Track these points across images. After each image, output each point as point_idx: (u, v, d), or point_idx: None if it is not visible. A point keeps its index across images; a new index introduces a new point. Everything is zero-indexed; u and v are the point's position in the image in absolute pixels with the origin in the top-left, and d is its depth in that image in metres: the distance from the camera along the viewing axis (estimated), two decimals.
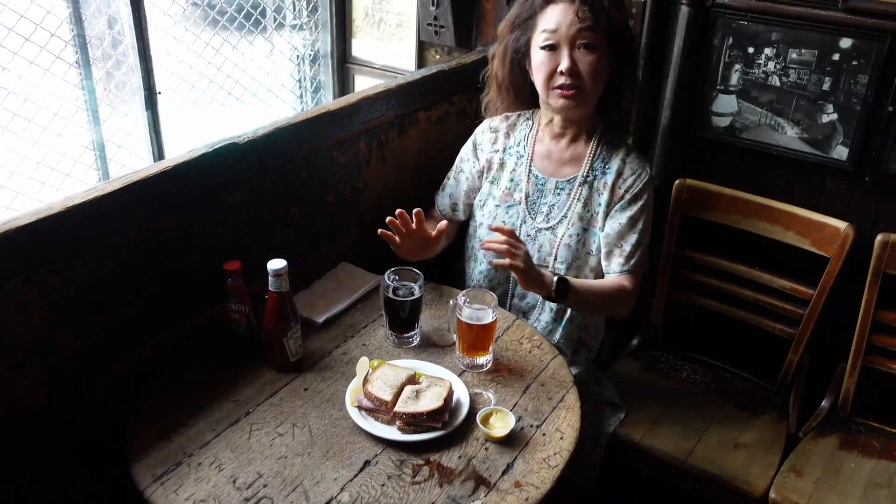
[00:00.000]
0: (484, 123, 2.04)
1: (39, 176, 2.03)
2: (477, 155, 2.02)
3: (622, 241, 1.87)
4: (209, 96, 2.47)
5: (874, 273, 1.96)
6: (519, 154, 1.96)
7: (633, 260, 1.86)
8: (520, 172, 1.95)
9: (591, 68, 1.76)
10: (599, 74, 1.79)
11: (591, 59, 1.76)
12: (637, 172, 1.87)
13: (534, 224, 1.92)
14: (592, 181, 1.89)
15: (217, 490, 1.30)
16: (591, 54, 1.76)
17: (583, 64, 1.76)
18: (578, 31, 1.74)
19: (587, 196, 1.89)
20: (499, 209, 1.96)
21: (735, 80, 2.12)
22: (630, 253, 1.86)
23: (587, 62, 1.76)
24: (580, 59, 1.76)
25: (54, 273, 1.41)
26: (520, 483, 1.35)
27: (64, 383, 1.49)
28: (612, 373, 2.24)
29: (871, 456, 1.97)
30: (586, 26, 1.74)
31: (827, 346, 2.14)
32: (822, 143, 2.05)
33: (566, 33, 1.75)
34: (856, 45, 1.93)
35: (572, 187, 1.90)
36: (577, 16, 1.74)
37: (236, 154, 1.69)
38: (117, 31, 2.09)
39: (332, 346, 1.69)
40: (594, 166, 1.90)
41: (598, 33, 1.76)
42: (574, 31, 1.74)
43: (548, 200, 1.92)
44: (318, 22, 2.75)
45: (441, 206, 2.10)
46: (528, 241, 1.90)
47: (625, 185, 1.87)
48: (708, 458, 1.95)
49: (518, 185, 1.95)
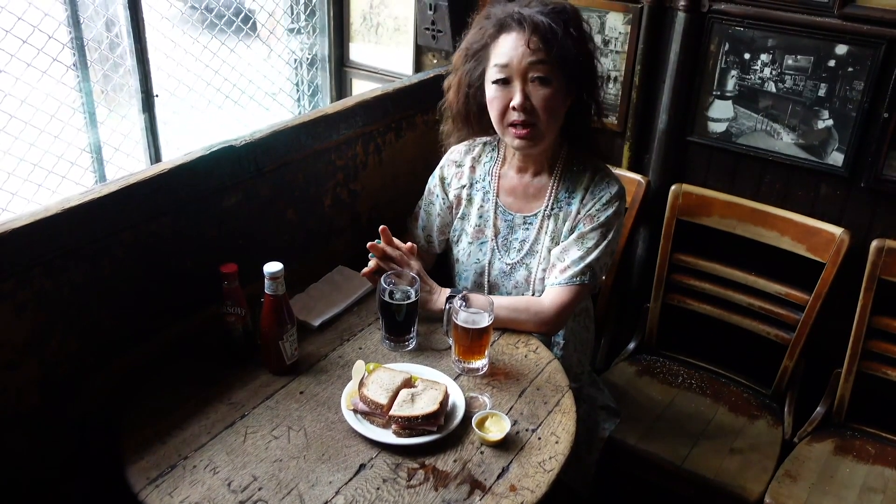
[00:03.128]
0: (448, 156, 1.96)
1: (36, 178, 2.03)
2: (445, 191, 1.94)
3: (564, 255, 1.77)
4: (206, 99, 2.47)
5: (869, 279, 1.97)
6: (485, 189, 1.88)
7: (568, 273, 1.75)
8: (487, 209, 1.87)
9: (545, 103, 1.66)
10: (555, 109, 1.69)
11: (544, 94, 1.66)
12: (599, 197, 1.76)
13: (507, 260, 1.86)
14: (558, 212, 1.81)
15: (212, 493, 1.29)
16: (545, 88, 1.65)
17: (536, 98, 1.66)
18: (530, 64, 1.64)
19: (553, 228, 1.81)
20: (472, 246, 1.90)
21: (731, 86, 2.12)
22: (567, 266, 1.76)
23: (540, 97, 1.66)
24: (533, 93, 1.66)
25: (49, 275, 1.41)
26: (515, 487, 1.35)
27: (57, 385, 1.49)
28: (608, 377, 2.25)
29: (866, 461, 1.98)
30: (538, 59, 1.64)
31: (822, 352, 2.15)
32: (818, 149, 2.06)
33: (517, 66, 1.65)
34: (851, 52, 1.94)
35: (538, 221, 1.83)
36: (528, 47, 1.64)
37: (233, 157, 1.69)
38: (115, 33, 2.09)
39: (328, 350, 1.69)
40: (558, 197, 1.81)
41: (552, 67, 1.65)
42: (525, 64, 1.64)
43: (518, 235, 1.85)
44: (315, 26, 2.76)
45: (416, 238, 2.01)
46: (503, 277, 1.87)
47: (584, 211, 1.77)
48: (703, 462, 1.95)
49: (487, 221, 1.88)
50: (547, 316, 1.76)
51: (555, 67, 1.65)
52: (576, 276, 1.75)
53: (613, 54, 2.27)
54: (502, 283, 1.88)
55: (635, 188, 2.23)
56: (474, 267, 1.90)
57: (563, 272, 1.76)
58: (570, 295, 1.75)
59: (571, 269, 1.75)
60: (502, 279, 1.87)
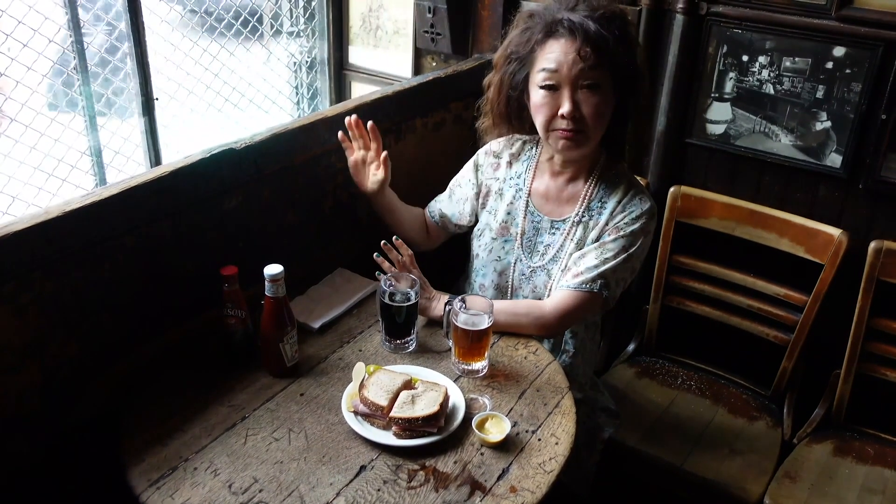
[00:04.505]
0: (487, 146, 1.95)
1: (36, 181, 2.03)
2: (477, 176, 1.94)
3: (580, 260, 1.75)
4: (206, 103, 2.48)
5: (868, 280, 1.97)
6: (518, 187, 1.87)
7: (579, 279, 1.71)
8: (517, 207, 1.86)
9: (594, 110, 1.65)
10: (602, 116, 1.67)
11: (594, 101, 1.64)
12: (630, 211, 1.74)
13: (529, 263, 1.85)
14: (588, 221, 1.78)
15: (213, 495, 1.30)
16: (595, 96, 1.64)
17: (586, 106, 1.64)
18: (581, 71, 1.62)
19: (581, 236, 1.79)
20: (495, 242, 1.89)
21: (729, 88, 2.13)
22: (580, 272, 1.72)
23: (590, 104, 1.64)
24: (583, 100, 1.64)
25: (49, 278, 1.41)
26: (515, 488, 1.35)
27: (58, 388, 1.49)
28: (608, 379, 2.25)
29: (866, 462, 1.98)
30: (589, 66, 1.61)
31: (821, 353, 2.15)
32: (816, 151, 2.06)
33: (567, 74, 1.62)
34: (849, 54, 1.94)
35: (567, 227, 1.81)
36: (578, 55, 1.61)
37: (233, 160, 1.70)
38: (115, 37, 2.10)
39: (329, 352, 1.70)
40: (590, 206, 1.79)
41: (602, 72, 1.63)
42: (576, 71, 1.62)
43: (544, 239, 1.83)
44: (315, 29, 2.76)
45: (431, 211, 2.04)
46: (523, 280, 1.85)
47: (613, 222, 1.75)
48: (703, 464, 1.95)
49: (515, 219, 1.86)
50: (547, 320, 1.74)
51: (605, 74, 1.64)
52: (586, 282, 1.71)
53: None
54: (521, 286, 1.86)
55: None
56: (494, 265, 1.88)
57: (575, 277, 1.73)
58: (575, 300, 1.72)
59: (584, 275, 1.72)
60: (522, 281, 1.86)
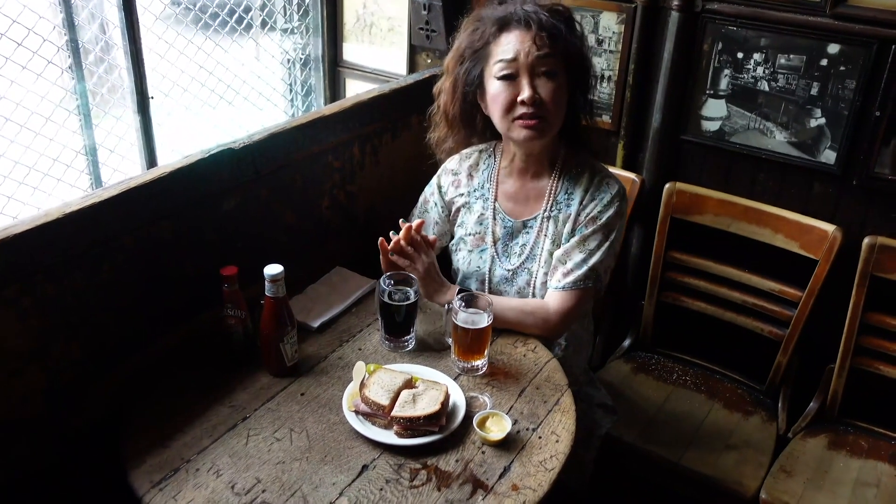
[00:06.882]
0: (445, 165, 1.95)
1: (31, 180, 2.03)
2: (443, 198, 1.94)
3: (566, 258, 1.77)
4: (200, 100, 2.47)
5: (861, 275, 1.99)
6: (484, 197, 1.88)
7: (572, 277, 1.75)
8: (487, 216, 1.87)
9: (552, 96, 1.68)
10: (560, 102, 1.71)
11: (552, 87, 1.68)
12: (600, 198, 1.77)
13: (508, 265, 1.86)
14: (557, 214, 1.81)
15: (215, 495, 1.30)
16: (552, 82, 1.68)
17: (544, 91, 1.68)
18: (537, 58, 1.66)
19: (554, 230, 1.81)
20: (472, 254, 1.90)
21: (724, 85, 2.14)
22: (569, 270, 1.76)
23: (548, 89, 1.68)
24: (541, 87, 1.68)
25: (51, 280, 1.41)
26: (517, 486, 1.36)
27: (61, 391, 1.49)
28: (604, 375, 2.26)
29: (860, 456, 2.00)
30: (545, 53, 1.66)
31: (815, 348, 2.17)
32: (811, 147, 2.08)
33: (525, 61, 1.66)
34: (843, 51, 1.95)
35: (538, 224, 1.83)
36: (534, 43, 1.66)
37: (232, 160, 1.70)
38: (109, 35, 2.09)
39: (328, 351, 1.70)
40: (557, 199, 1.81)
41: (557, 61, 1.68)
42: (533, 58, 1.66)
43: (518, 240, 1.85)
44: (308, 26, 2.75)
45: None
46: (505, 283, 1.86)
47: (585, 213, 1.78)
48: (699, 459, 1.97)
49: (486, 228, 1.87)
50: (552, 322, 1.77)
51: (559, 63, 1.69)
52: (579, 280, 1.75)
53: (607, 54, 2.28)
54: (504, 290, 1.87)
55: (630, 187, 2.24)
56: (475, 275, 1.89)
57: (567, 276, 1.76)
58: (574, 299, 1.76)
59: (575, 272, 1.75)
60: (504, 285, 1.87)
